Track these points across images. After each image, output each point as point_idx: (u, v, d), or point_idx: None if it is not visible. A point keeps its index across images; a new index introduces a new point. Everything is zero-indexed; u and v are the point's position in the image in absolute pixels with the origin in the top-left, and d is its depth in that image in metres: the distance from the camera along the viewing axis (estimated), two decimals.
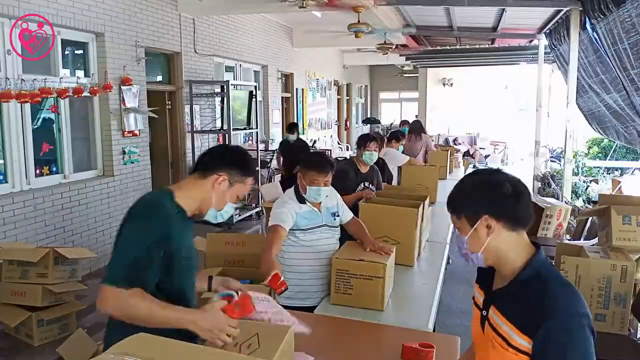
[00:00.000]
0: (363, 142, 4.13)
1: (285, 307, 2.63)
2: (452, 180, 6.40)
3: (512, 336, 1.32)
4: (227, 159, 1.81)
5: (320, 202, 2.82)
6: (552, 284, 1.32)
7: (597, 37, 5.07)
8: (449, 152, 7.31)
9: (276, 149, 8.20)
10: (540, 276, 1.34)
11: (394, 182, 5.26)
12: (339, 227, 2.93)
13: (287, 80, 11.44)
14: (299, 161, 2.89)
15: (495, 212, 1.35)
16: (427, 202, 3.31)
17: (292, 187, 2.86)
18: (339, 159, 8.67)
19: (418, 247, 3.12)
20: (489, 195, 1.37)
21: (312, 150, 8.86)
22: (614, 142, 10.95)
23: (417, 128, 7.66)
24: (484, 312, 1.44)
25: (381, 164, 4.86)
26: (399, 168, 5.45)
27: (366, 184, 4.00)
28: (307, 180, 2.73)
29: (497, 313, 1.39)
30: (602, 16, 4.37)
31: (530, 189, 8.24)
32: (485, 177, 1.42)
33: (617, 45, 4.29)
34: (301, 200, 2.77)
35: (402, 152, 6.03)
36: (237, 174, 1.78)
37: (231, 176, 1.77)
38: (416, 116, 15.65)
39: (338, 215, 2.91)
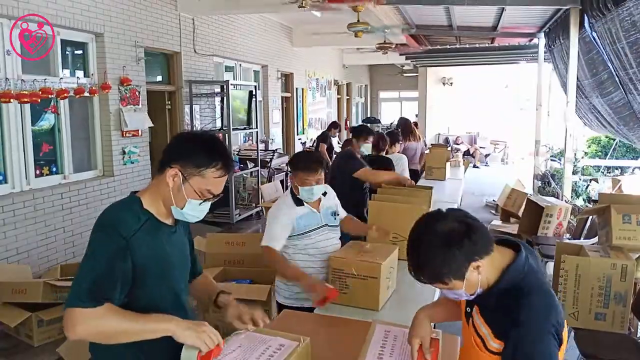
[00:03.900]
0: (365, 134, 4.20)
1: (287, 307, 2.66)
2: (452, 180, 6.40)
3: (488, 340, 1.41)
4: (179, 150, 1.59)
5: (320, 202, 2.81)
6: (525, 291, 1.37)
7: (594, 37, 5.07)
8: (447, 151, 7.17)
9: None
10: (515, 285, 1.38)
11: None
12: (339, 227, 2.93)
13: (287, 80, 11.44)
14: (289, 163, 2.90)
15: (478, 255, 1.36)
16: (432, 197, 3.39)
17: (288, 190, 2.85)
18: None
19: None
20: (464, 249, 1.34)
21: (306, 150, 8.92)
22: (614, 141, 10.95)
23: (407, 128, 7.14)
24: (467, 309, 1.52)
25: (388, 165, 4.86)
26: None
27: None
28: (298, 182, 2.70)
29: (478, 314, 1.46)
30: (600, 15, 4.37)
31: (530, 188, 8.24)
32: (441, 235, 1.36)
33: (616, 44, 4.28)
34: (298, 202, 2.74)
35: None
36: (191, 166, 1.55)
37: (184, 169, 1.55)
38: (416, 115, 15.66)
39: (338, 215, 2.91)
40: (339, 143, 15.24)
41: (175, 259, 1.65)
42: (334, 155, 6.92)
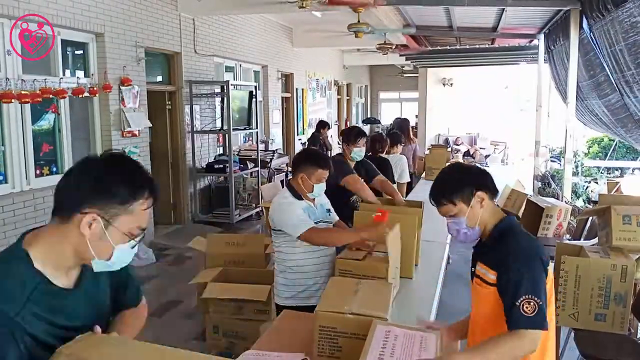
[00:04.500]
0: (355, 137, 3.84)
1: (288, 307, 2.66)
2: None
3: (486, 274, 1.73)
4: (90, 188, 1.20)
5: (314, 199, 2.83)
6: (516, 231, 1.74)
7: (592, 38, 5.07)
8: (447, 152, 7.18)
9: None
10: (511, 227, 1.75)
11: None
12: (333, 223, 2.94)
13: (287, 80, 11.44)
14: (304, 160, 2.83)
15: (482, 188, 1.74)
16: (423, 210, 3.19)
17: (285, 187, 2.86)
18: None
19: (415, 257, 3.00)
20: (473, 176, 1.78)
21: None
22: (614, 141, 10.95)
23: (404, 127, 7.17)
24: (472, 268, 1.84)
25: (385, 165, 4.84)
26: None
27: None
28: (314, 179, 2.74)
29: (480, 265, 1.78)
30: (600, 16, 4.37)
31: (530, 188, 8.24)
32: (459, 165, 1.91)
33: (614, 46, 4.28)
34: (298, 197, 2.77)
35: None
36: (114, 204, 1.20)
37: (104, 211, 1.19)
38: (416, 116, 15.65)
39: (331, 212, 2.93)
40: (339, 143, 15.23)
41: (80, 322, 1.25)
42: None
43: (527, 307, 1.58)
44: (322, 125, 9.41)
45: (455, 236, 1.81)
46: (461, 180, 1.74)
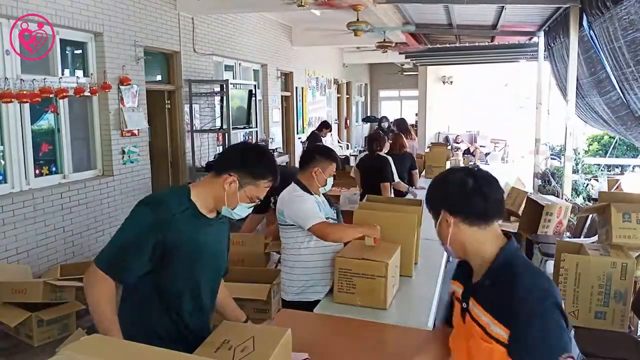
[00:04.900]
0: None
1: (295, 302, 2.68)
2: None
3: (490, 326, 1.36)
4: (238, 160, 1.78)
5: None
6: (519, 269, 1.37)
7: (592, 36, 5.06)
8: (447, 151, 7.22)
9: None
10: (509, 264, 1.39)
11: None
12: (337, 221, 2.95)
13: (286, 79, 11.43)
14: (319, 153, 2.93)
15: (450, 209, 1.44)
16: (422, 207, 3.20)
17: (293, 183, 2.86)
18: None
19: (415, 256, 3.00)
20: (445, 193, 1.46)
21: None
22: (614, 139, 10.94)
23: (404, 129, 7.21)
24: (464, 304, 1.48)
25: (384, 164, 4.84)
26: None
27: None
28: (328, 173, 2.86)
29: (476, 305, 1.42)
30: (599, 14, 4.36)
31: (530, 186, 8.23)
32: (447, 175, 1.51)
33: (613, 43, 4.27)
34: (308, 192, 2.80)
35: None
36: (248, 176, 1.75)
37: (241, 178, 1.74)
38: (416, 114, 15.64)
39: (335, 209, 2.99)
40: (339, 142, 15.25)
41: (207, 248, 1.79)
42: None
43: None
44: (325, 125, 9.42)
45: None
46: (432, 192, 1.52)
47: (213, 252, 1.83)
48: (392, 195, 4.92)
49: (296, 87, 11.69)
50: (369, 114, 19.21)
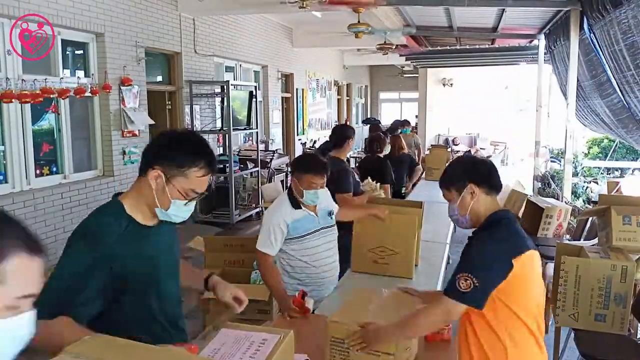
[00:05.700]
0: (348, 138, 3.95)
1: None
2: None
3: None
4: (157, 150, 1.57)
5: (315, 205, 2.77)
6: (503, 225, 1.76)
7: (593, 39, 5.07)
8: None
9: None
10: (498, 220, 1.78)
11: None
12: (335, 225, 2.91)
13: (287, 80, 11.44)
14: (294, 164, 2.81)
15: (478, 181, 1.81)
16: (423, 210, 3.18)
17: (286, 192, 2.81)
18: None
19: (415, 258, 2.99)
20: (473, 168, 1.87)
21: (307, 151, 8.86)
22: (614, 142, 10.95)
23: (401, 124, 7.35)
24: None
25: (384, 167, 4.84)
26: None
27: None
28: (304, 184, 2.64)
29: None
30: (600, 17, 4.37)
31: (530, 189, 8.24)
32: (468, 156, 2.16)
33: (614, 46, 4.28)
34: (296, 205, 2.70)
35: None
36: (172, 166, 1.52)
37: (166, 170, 1.52)
38: (416, 116, 15.65)
39: (333, 213, 2.90)
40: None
41: (160, 260, 1.61)
42: None
43: (462, 283, 1.62)
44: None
45: (451, 216, 1.93)
46: (458, 171, 1.88)
47: (168, 262, 1.66)
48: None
49: (297, 89, 11.70)
50: (369, 116, 19.21)
